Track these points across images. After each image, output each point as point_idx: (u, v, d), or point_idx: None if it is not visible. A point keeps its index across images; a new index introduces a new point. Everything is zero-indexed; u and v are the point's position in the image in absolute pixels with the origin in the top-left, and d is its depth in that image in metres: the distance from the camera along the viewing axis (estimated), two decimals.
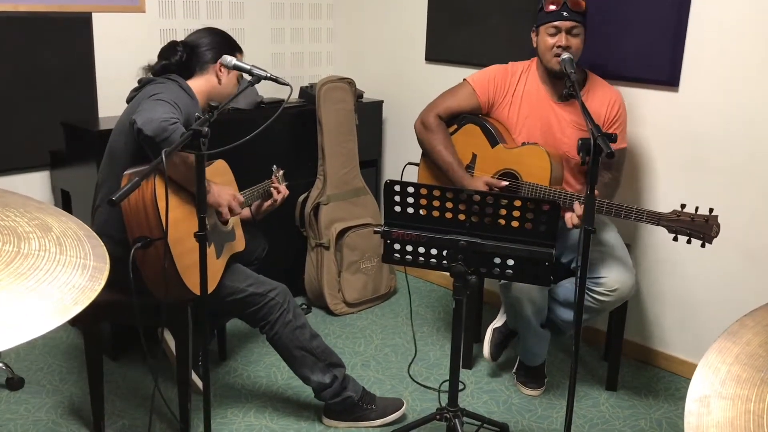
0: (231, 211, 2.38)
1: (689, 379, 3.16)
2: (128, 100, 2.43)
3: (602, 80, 2.78)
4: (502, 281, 2.66)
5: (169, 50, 2.49)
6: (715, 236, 2.29)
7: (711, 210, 2.30)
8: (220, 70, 2.49)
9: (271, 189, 2.70)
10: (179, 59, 2.46)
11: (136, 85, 2.45)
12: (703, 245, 2.31)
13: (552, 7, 2.60)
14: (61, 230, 1.09)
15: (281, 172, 2.81)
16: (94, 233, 1.14)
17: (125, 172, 2.21)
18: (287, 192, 2.74)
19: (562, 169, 2.71)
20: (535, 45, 2.73)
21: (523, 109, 2.78)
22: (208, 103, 2.48)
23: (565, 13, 2.57)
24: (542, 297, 2.67)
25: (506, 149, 2.74)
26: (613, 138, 1.97)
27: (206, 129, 1.89)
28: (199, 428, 2.36)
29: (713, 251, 2.85)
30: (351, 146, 3.62)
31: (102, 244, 1.11)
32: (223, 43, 2.53)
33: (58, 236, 1.06)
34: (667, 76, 2.88)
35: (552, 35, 2.61)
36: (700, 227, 2.30)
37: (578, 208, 2.46)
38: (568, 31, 2.59)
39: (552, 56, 2.63)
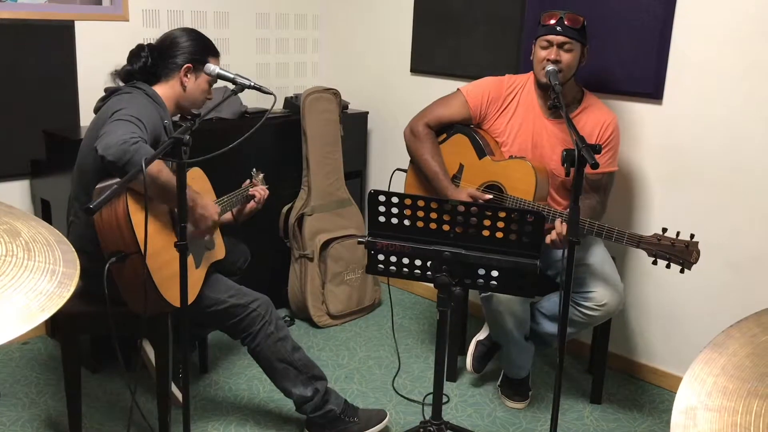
0: (208, 228, 2.34)
1: (674, 392, 3.15)
2: (95, 110, 2.38)
3: (599, 101, 2.77)
4: (483, 294, 2.65)
5: (134, 56, 2.44)
6: (695, 262, 2.29)
7: (692, 236, 2.30)
8: (185, 77, 2.43)
9: (249, 193, 2.66)
10: (143, 65, 2.41)
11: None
12: (682, 271, 2.30)
13: (549, 22, 2.60)
14: (31, 235, 1.05)
15: (261, 175, 2.78)
16: (65, 239, 1.11)
17: (96, 187, 2.16)
18: (266, 192, 2.70)
19: (547, 184, 2.70)
20: (532, 57, 2.72)
21: (515, 123, 2.77)
22: (191, 111, 2.45)
23: (559, 28, 2.57)
24: (524, 310, 2.66)
25: (493, 161, 2.73)
26: (597, 149, 1.97)
27: (187, 137, 1.86)
28: None
29: (698, 263, 2.85)
30: (336, 157, 3.60)
31: (73, 249, 1.07)
32: (195, 47, 2.45)
33: (27, 241, 1.03)
34: (651, 89, 2.89)
35: (544, 48, 2.61)
36: (680, 252, 2.30)
37: (559, 225, 2.45)
38: (560, 46, 2.58)
39: (541, 69, 2.63)
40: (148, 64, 2.41)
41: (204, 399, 2.82)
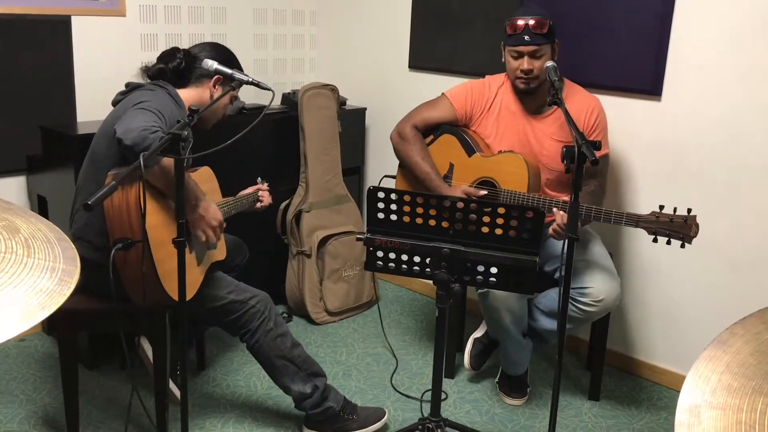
0: (207, 236, 2.32)
1: (672, 389, 3.16)
2: (114, 103, 2.39)
3: (580, 87, 2.77)
4: (480, 290, 2.64)
5: (169, 55, 2.45)
6: (695, 236, 2.29)
7: (689, 210, 2.30)
8: (215, 88, 2.46)
9: (259, 197, 2.73)
10: (177, 66, 2.42)
11: (124, 88, 2.41)
12: (682, 245, 2.31)
13: (516, 31, 2.59)
14: (30, 232, 1.04)
15: (266, 184, 2.79)
16: (65, 236, 1.09)
17: (109, 172, 2.17)
18: (270, 201, 2.77)
19: (539, 176, 2.70)
20: (503, 60, 2.73)
21: (500, 123, 2.78)
22: (189, 107, 2.45)
23: (526, 37, 2.57)
24: (521, 306, 2.65)
25: (483, 157, 2.73)
26: (597, 145, 1.97)
27: (186, 133, 1.86)
28: None
29: (696, 260, 2.85)
30: (334, 153, 3.59)
31: (73, 246, 1.06)
32: (225, 60, 2.45)
33: (26, 238, 1.02)
34: (649, 85, 2.88)
35: (515, 59, 2.63)
36: (679, 228, 2.30)
37: (557, 214, 2.45)
38: (531, 55, 2.59)
39: (515, 78, 2.66)
40: (181, 66, 2.42)
41: (202, 396, 2.81)
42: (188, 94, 2.44)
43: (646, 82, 2.88)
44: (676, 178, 2.89)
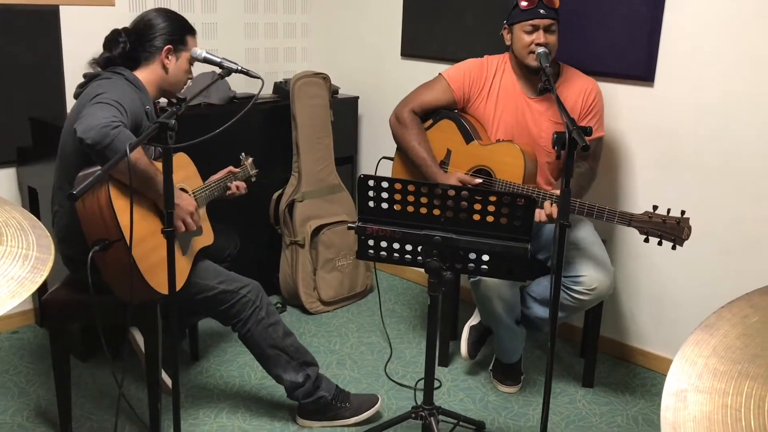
0: (186, 225, 2.30)
1: (665, 375, 3.16)
2: (75, 96, 2.34)
3: (577, 71, 2.76)
4: (472, 279, 2.64)
5: (111, 42, 2.38)
6: (686, 238, 2.29)
7: (683, 212, 2.29)
8: (167, 59, 2.39)
9: (228, 185, 2.64)
10: (122, 51, 2.36)
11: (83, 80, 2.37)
12: (674, 247, 2.30)
13: (530, 5, 2.56)
14: (3, 219, 1.02)
15: (250, 159, 2.76)
16: (40, 224, 1.08)
17: (78, 175, 2.13)
18: (244, 191, 2.68)
19: (535, 166, 2.69)
20: (508, 43, 2.70)
21: (498, 105, 2.76)
22: (173, 94, 2.41)
23: (542, 11, 2.55)
24: (513, 294, 2.65)
25: (481, 146, 2.72)
26: (588, 131, 1.96)
27: (173, 122, 1.83)
28: (170, 430, 2.31)
29: (689, 247, 2.84)
30: (326, 142, 3.57)
31: (48, 235, 1.05)
32: (172, 27, 2.40)
33: None
34: (642, 71, 2.86)
35: (529, 33, 2.59)
36: (671, 229, 2.29)
37: (548, 206, 2.45)
38: (546, 29, 2.56)
39: (528, 53, 2.61)
40: (127, 49, 2.36)
41: (195, 386, 2.81)
42: (144, 74, 2.37)
43: (639, 67, 2.87)
44: (668, 163, 2.88)
